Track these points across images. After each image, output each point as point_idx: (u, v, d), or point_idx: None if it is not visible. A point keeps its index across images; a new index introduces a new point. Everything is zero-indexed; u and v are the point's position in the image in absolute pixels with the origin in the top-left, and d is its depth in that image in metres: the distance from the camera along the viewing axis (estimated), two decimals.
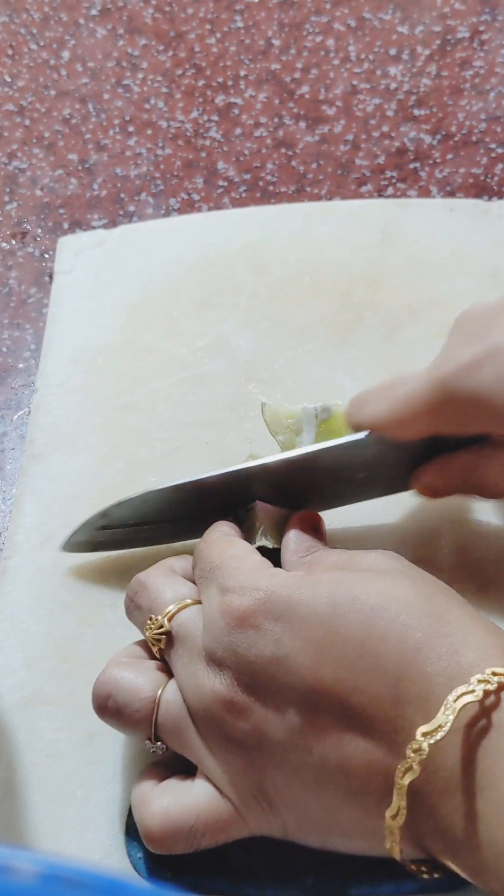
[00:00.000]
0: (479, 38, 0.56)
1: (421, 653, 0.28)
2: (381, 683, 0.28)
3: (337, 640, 0.29)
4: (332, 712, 0.28)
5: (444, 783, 0.27)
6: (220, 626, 0.30)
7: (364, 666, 0.28)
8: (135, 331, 0.46)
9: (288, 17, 0.59)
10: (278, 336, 0.45)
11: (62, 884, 0.17)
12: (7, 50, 0.59)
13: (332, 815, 0.29)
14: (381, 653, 0.28)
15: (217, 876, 0.33)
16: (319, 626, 0.29)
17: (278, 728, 0.29)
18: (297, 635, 0.29)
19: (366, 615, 0.29)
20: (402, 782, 0.27)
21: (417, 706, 0.27)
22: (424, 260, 0.46)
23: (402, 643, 0.28)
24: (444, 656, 0.28)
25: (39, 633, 0.38)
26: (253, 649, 0.29)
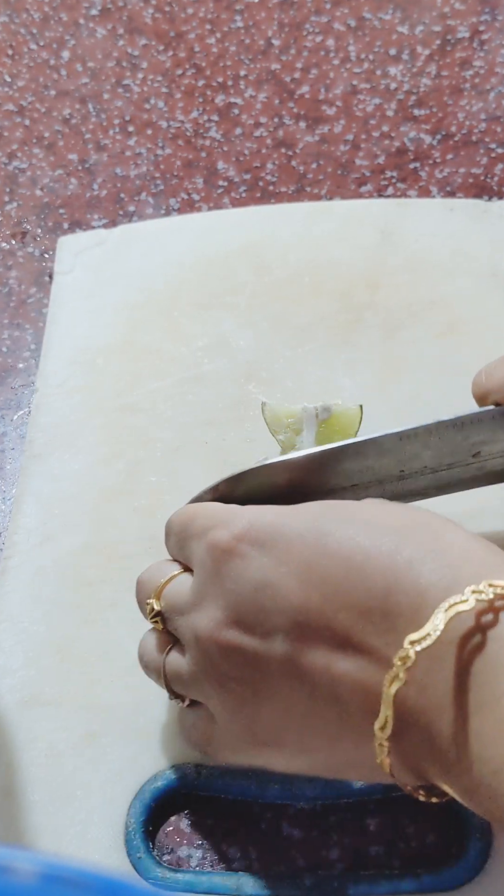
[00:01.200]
0: (479, 38, 0.56)
1: (413, 566, 0.27)
2: (370, 598, 0.27)
3: (323, 560, 0.28)
4: (320, 634, 0.28)
5: (437, 699, 0.26)
6: (208, 565, 0.30)
7: (352, 582, 0.27)
8: (135, 331, 0.46)
9: (288, 17, 0.59)
10: (278, 336, 0.45)
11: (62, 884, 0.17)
12: (7, 50, 0.59)
13: (332, 745, 0.29)
14: (370, 568, 0.27)
15: (217, 876, 0.33)
16: (305, 548, 0.28)
17: (269, 658, 0.29)
18: (282, 559, 0.29)
19: (353, 533, 0.28)
20: (389, 691, 0.26)
21: (409, 618, 0.26)
22: (424, 260, 0.46)
23: (393, 558, 0.27)
24: (438, 570, 0.27)
25: (39, 633, 0.38)
26: (240, 579, 0.29)
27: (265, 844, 0.34)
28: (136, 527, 0.40)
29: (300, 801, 0.34)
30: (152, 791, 0.34)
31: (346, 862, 0.33)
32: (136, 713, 0.36)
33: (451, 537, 0.28)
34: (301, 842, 0.34)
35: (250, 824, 0.34)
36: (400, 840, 0.34)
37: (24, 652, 0.38)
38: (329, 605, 0.28)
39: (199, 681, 0.31)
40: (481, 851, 0.32)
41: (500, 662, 0.25)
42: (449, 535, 0.28)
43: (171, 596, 0.32)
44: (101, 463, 0.42)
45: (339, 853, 0.33)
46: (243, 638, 0.29)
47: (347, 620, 0.27)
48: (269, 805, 0.34)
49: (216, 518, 0.31)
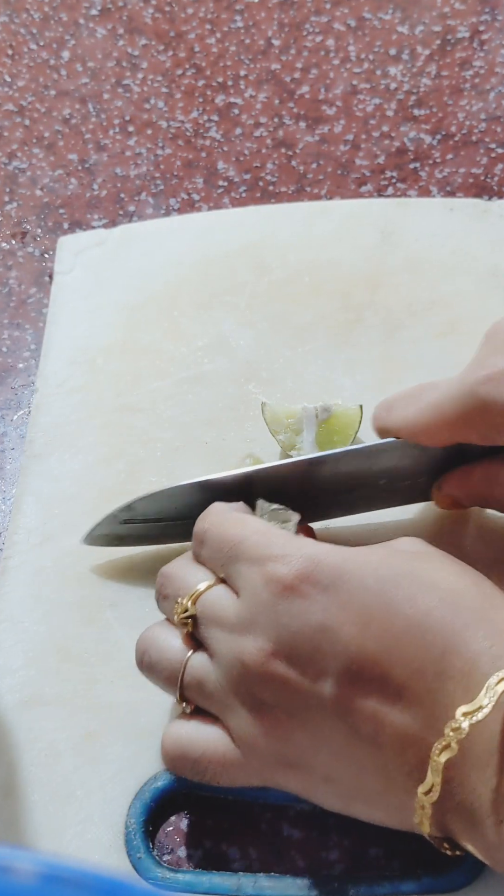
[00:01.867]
0: (479, 38, 0.56)
1: (468, 629, 0.28)
2: (426, 657, 0.28)
3: (384, 613, 0.29)
4: (372, 684, 0.28)
5: (475, 759, 0.27)
6: (264, 597, 0.30)
7: (410, 638, 0.28)
8: (135, 331, 0.46)
9: (288, 17, 0.59)
10: (278, 336, 0.45)
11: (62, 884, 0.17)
12: (7, 50, 0.59)
13: (357, 782, 0.29)
14: (428, 627, 0.28)
15: (217, 876, 0.33)
16: (368, 598, 0.29)
17: (313, 697, 0.29)
18: (344, 605, 0.29)
19: (415, 591, 0.29)
20: (439, 760, 0.27)
21: (459, 682, 0.27)
22: (424, 260, 0.46)
23: (451, 619, 0.28)
24: (490, 636, 0.28)
25: (39, 633, 0.38)
26: (299, 618, 0.29)
27: (265, 844, 0.34)
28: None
29: (300, 801, 0.34)
30: (152, 791, 0.34)
31: (346, 863, 0.33)
32: (136, 713, 0.36)
33: (499, 603, 0.29)
34: (301, 842, 0.34)
35: (250, 824, 0.34)
36: (400, 841, 0.33)
37: (24, 652, 0.38)
38: (386, 658, 0.28)
39: (226, 697, 0.31)
40: None
41: None
42: (496, 600, 0.29)
43: (210, 606, 0.32)
44: (101, 463, 0.42)
45: (339, 854, 0.33)
46: (291, 673, 0.30)
47: (401, 676, 0.28)
48: (269, 805, 0.34)
49: (273, 547, 0.31)
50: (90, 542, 0.39)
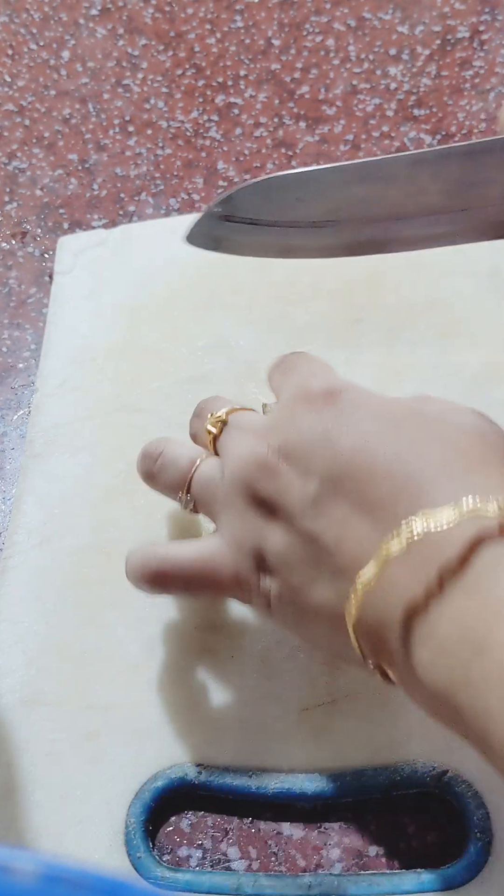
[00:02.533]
0: (479, 38, 0.56)
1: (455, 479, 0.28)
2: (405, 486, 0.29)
3: (381, 439, 0.30)
4: (349, 494, 0.30)
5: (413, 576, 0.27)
6: (292, 402, 0.33)
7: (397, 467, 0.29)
8: (135, 331, 0.46)
9: (288, 17, 0.59)
10: (278, 336, 0.45)
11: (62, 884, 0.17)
12: (7, 50, 0.59)
13: (310, 591, 0.30)
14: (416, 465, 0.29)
15: (217, 876, 0.33)
16: (371, 425, 0.31)
17: (296, 491, 0.31)
18: (347, 424, 0.31)
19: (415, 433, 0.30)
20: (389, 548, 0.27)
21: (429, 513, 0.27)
22: (424, 260, 0.46)
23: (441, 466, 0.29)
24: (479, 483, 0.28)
25: (39, 633, 0.38)
26: (308, 423, 0.32)
27: (265, 844, 0.34)
28: (136, 527, 0.40)
29: (300, 800, 0.34)
30: (152, 791, 0.34)
31: (347, 862, 0.33)
32: (136, 713, 0.36)
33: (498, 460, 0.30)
34: (301, 842, 0.34)
35: (250, 824, 0.34)
36: (400, 840, 0.34)
37: (24, 652, 0.38)
38: (368, 476, 0.30)
39: (226, 494, 0.33)
40: (481, 851, 0.32)
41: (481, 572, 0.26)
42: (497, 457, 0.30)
43: (240, 418, 0.35)
44: (101, 463, 0.42)
45: (340, 853, 0.33)
46: (285, 466, 0.32)
47: (377, 494, 0.29)
48: (269, 805, 0.34)
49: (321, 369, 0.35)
50: (191, 241, 0.37)
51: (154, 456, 0.36)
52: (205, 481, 0.34)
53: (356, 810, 0.34)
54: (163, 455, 0.36)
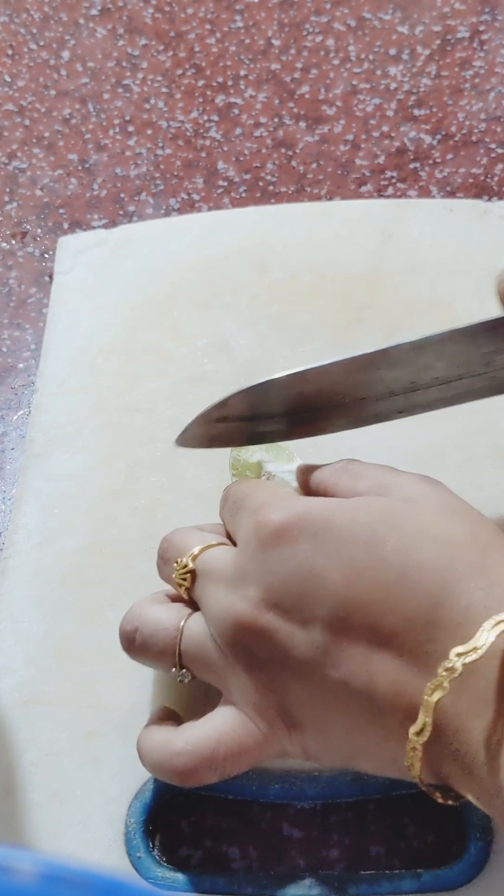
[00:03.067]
0: (479, 38, 0.56)
1: (460, 584, 0.28)
2: (418, 608, 0.28)
3: (374, 564, 0.28)
4: (361, 630, 0.28)
5: (471, 704, 0.26)
6: (254, 544, 0.30)
7: (401, 589, 0.28)
8: (135, 331, 0.46)
9: (288, 17, 0.59)
10: (278, 336, 0.45)
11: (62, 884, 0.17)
12: (7, 50, 0.59)
13: (353, 734, 0.29)
14: (421, 580, 0.28)
15: (217, 876, 0.33)
16: (357, 551, 0.29)
17: (303, 645, 0.29)
18: (331, 555, 0.29)
19: (406, 545, 0.28)
20: (431, 699, 0.26)
21: (452, 632, 0.27)
22: (424, 260, 0.46)
23: (443, 573, 0.28)
24: (484, 588, 0.27)
25: (39, 633, 0.38)
26: (286, 564, 0.29)
27: (265, 844, 0.34)
28: (136, 527, 0.40)
29: (300, 801, 0.34)
30: (152, 791, 0.34)
31: (347, 862, 0.33)
32: (136, 713, 0.36)
33: (497, 555, 0.29)
34: (301, 842, 0.34)
35: (250, 824, 0.34)
36: (400, 840, 0.34)
37: (24, 652, 0.38)
38: (375, 607, 0.28)
39: (224, 659, 0.31)
40: (481, 851, 0.32)
41: None
42: (495, 553, 0.29)
43: (209, 561, 0.32)
44: (101, 463, 0.42)
45: (340, 853, 0.33)
46: (280, 622, 0.29)
47: (392, 624, 0.28)
48: (269, 805, 0.34)
49: (271, 497, 0.32)
50: (183, 444, 0.36)
51: (131, 633, 0.33)
52: (195, 650, 0.32)
53: (356, 810, 0.34)
54: (139, 631, 0.33)
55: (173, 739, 0.31)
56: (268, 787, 0.34)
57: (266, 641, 0.30)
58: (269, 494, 0.32)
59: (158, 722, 0.33)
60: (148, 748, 0.32)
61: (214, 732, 0.31)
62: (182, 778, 0.31)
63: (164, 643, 0.32)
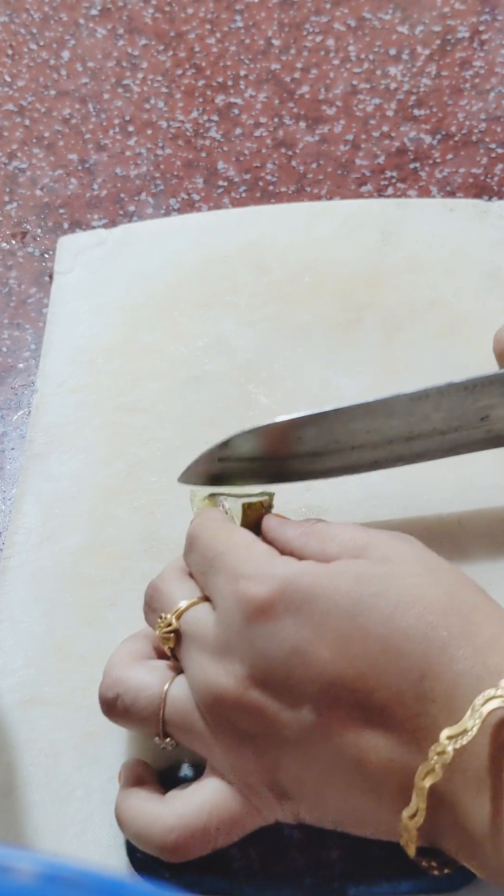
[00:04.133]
0: (479, 38, 0.56)
1: (447, 651, 0.27)
2: (405, 680, 0.27)
3: (359, 636, 0.28)
4: (351, 707, 0.28)
5: (467, 783, 0.26)
6: (237, 618, 0.29)
7: (387, 662, 0.27)
8: (135, 331, 0.46)
9: (288, 17, 0.59)
10: (278, 336, 0.45)
11: (62, 884, 0.17)
12: (7, 50, 0.59)
13: (347, 804, 0.29)
14: (406, 650, 0.27)
15: (217, 876, 0.33)
16: (341, 621, 0.28)
17: (292, 723, 0.28)
18: (316, 628, 0.28)
19: (389, 613, 0.28)
20: (423, 784, 0.26)
21: (442, 705, 0.27)
22: (424, 260, 0.46)
23: (427, 641, 0.27)
24: (470, 656, 0.27)
25: (39, 633, 0.38)
26: (271, 642, 0.29)
27: (265, 844, 0.34)
28: (136, 527, 0.40)
29: None
30: None
31: (346, 862, 0.33)
32: None
33: (480, 618, 0.28)
34: (301, 842, 0.34)
35: None
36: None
37: (24, 652, 0.38)
38: (363, 683, 0.28)
39: (208, 730, 0.30)
40: None
41: None
42: (479, 615, 0.28)
43: (192, 623, 0.31)
44: (101, 463, 0.42)
45: (340, 853, 0.33)
46: (268, 700, 0.29)
47: (381, 700, 0.28)
48: None
49: (249, 564, 0.30)
50: (185, 481, 0.37)
51: (112, 700, 0.31)
52: (179, 719, 0.30)
53: None
54: (121, 698, 0.31)
55: (163, 814, 0.30)
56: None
57: (253, 718, 0.29)
58: (245, 558, 0.31)
59: (136, 783, 0.32)
60: (132, 820, 0.30)
61: (207, 805, 0.30)
62: (173, 854, 0.30)
63: (147, 711, 0.31)
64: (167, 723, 0.31)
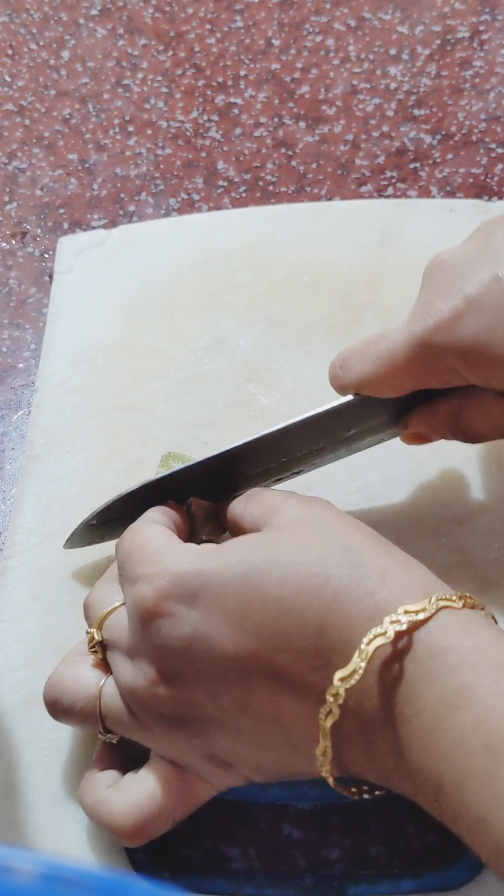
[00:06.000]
0: (479, 38, 0.56)
1: (339, 598, 0.28)
2: (304, 637, 0.28)
3: (255, 603, 0.29)
4: (259, 675, 0.29)
5: (369, 720, 0.28)
6: (136, 621, 0.30)
7: (285, 623, 0.28)
8: (135, 331, 0.46)
9: (288, 17, 0.59)
10: (278, 336, 0.45)
11: (62, 884, 0.17)
12: (7, 50, 0.59)
13: (280, 761, 0.30)
14: (301, 606, 0.28)
15: (217, 876, 0.33)
16: (234, 594, 0.29)
17: (209, 704, 0.29)
18: (212, 610, 0.29)
19: (280, 575, 0.29)
20: (325, 725, 0.28)
21: (340, 651, 0.28)
22: (424, 260, 0.46)
23: (321, 592, 0.28)
24: (361, 598, 0.28)
25: (39, 633, 0.38)
26: (169, 636, 0.29)
27: (265, 844, 0.34)
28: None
29: (300, 801, 0.34)
30: None
31: (347, 862, 0.33)
32: None
33: (369, 558, 0.29)
34: (301, 842, 0.34)
35: (250, 824, 0.34)
36: (400, 840, 0.34)
37: (24, 652, 0.38)
38: (265, 648, 0.29)
39: (140, 723, 0.31)
40: None
41: (415, 680, 0.27)
42: (367, 557, 0.29)
43: (112, 630, 0.32)
44: (101, 463, 0.42)
45: (340, 853, 0.33)
46: (181, 690, 0.30)
47: (284, 660, 0.29)
48: (269, 805, 0.34)
49: (143, 565, 0.31)
50: (70, 547, 0.39)
51: (52, 703, 0.33)
52: (114, 714, 0.31)
53: (356, 810, 0.34)
54: (59, 702, 0.32)
55: (119, 803, 0.31)
56: (268, 788, 0.34)
57: (173, 708, 0.30)
58: (140, 560, 0.31)
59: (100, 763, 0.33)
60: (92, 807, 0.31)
61: (159, 788, 0.31)
62: (134, 839, 0.31)
63: (85, 711, 0.32)
64: (105, 718, 0.32)
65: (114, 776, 0.32)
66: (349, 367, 0.35)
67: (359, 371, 0.35)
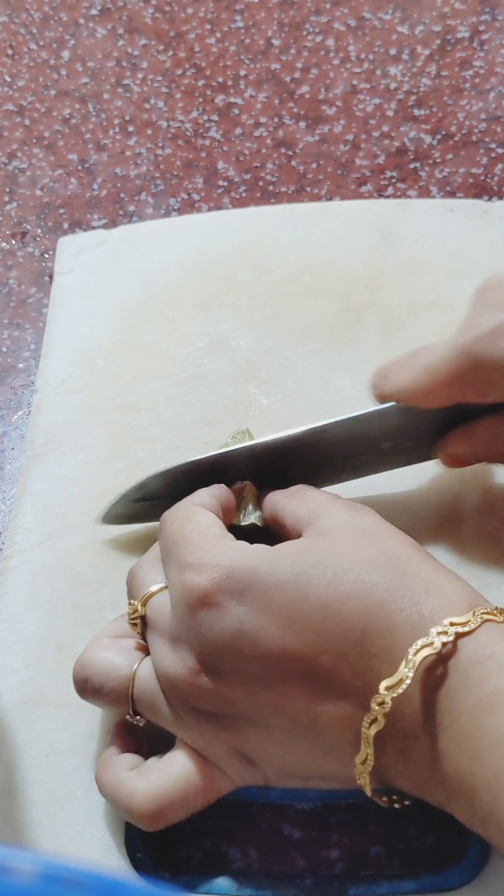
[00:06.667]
0: (479, 38, 0.56)
1: (383, 606, 0.29)
2: (347, 641, 0.29)
3: (302, 606, 0.29)
4: (299, 676, 0.29)
5: (408, 728, 0.28)
6: (182, 608, 0.31)
7: (330, 627, 0.29)
8: (135, 331, 0.46)
9: (288, 17, 0.59)
10: (278, 336, 0.45)
11: (62, 884, 0.17)
12: (7, 50, 0.59)
13: (309, 765, 0.31)
14: (346, 611, 0.29)
15: (217, 876, 0.33)
16: (283, 595, 0.29)
17: (246, 700, 0.30)
18: (261, 608, 0.30)
19: (328, 578, 0.29)
20: (369, 733, 0.28)
21: (383, 658, 0.28)
22: (424, 260, 0.46)
23: (365, 599, 0.29)
24: (406, 607, 0.29)
25: (39, 633, 0.38)
26: (216, 627, 0.30)
27: (265, 844, 0.34)
28: (135, 526, 0.40)
29: (300, 801, 0.34)
30: None
31: (347, 862, 0.33)
32: None
33: (414, 569, 0.30)
34: (301, 842, 0.34)
35: (250, 824, 0.34)
36: (400, 840, 0.34)
37: (24, 652, 0.38)
38: (309, 651, 0.29)
39: (171, 710, 0.31)
40: (481, 852, 0.32)
41: (455, 687, 0.27)
42: (412, 567, 0.30)
43: (155, 610, 0.33)
44: (101, 463, 0.42)
45: (340, 853, 0.33)
46: (220, 683, 0.30)
47: (326, 664, 0.29)
48: (269, 805, 0.34)
49: (196, 553, 0.31)
50: (107, 522, 0.39)
51: (81, 682, 0.33)
52: (146, 698, 0.32)
53: (356, 810, 0.34)
54: (89, 681, 0.33)
55: (140, 787, 0.31)
56: (268, 788, 0.34)
57: (209, 700, 0.30)
58: (195, 546, 0.32)
59: (119, 746, 0.33)
60: (111, 788, 0.32)
61: (182, 776, 0.31)
62: (153, 823, 0.31)
63: (116, 692, 0.32)
64: (136, 702, 0.32)
65: (133, 759, 0.32)
66: (389, 377, 0.36)
67: (399, 380, 0.35)
